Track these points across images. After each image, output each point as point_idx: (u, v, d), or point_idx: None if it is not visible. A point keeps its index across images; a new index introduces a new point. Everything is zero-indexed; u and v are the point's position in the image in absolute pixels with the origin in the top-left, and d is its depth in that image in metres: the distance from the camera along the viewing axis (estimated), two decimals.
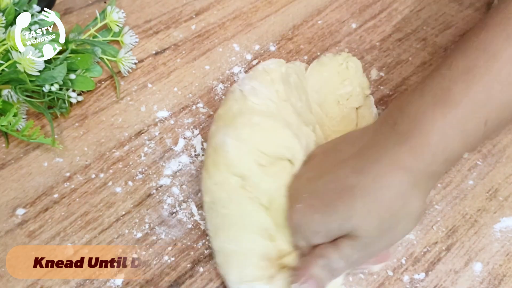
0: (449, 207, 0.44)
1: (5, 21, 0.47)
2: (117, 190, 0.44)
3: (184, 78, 0.51)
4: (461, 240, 0.43)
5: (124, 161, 0.46)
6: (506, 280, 0.41)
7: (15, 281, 0.40)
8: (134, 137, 0.47)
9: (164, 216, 0.43)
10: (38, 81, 0.45)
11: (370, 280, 0.40)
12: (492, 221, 0.44)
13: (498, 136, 0.48)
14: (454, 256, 0.42)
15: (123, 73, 0.51)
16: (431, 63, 0.54)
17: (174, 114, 0.49)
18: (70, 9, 0.56)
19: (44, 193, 0.44)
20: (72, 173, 0.45)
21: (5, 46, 0.45)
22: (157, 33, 0.55)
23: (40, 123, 0.48)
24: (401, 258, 0.42)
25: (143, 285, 0.40)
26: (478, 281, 0.41)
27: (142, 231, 0.42)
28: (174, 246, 0.42)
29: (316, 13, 0.57)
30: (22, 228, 0.42)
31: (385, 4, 0.58)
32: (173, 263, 0.41)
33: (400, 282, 0.41)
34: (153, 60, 0.53)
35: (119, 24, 0.52)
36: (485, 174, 0.46)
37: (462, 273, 0.41)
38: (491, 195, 0.45)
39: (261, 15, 0.56)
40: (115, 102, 0.50)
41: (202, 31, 0.55)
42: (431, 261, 0.42)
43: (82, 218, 0.43)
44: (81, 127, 0.48)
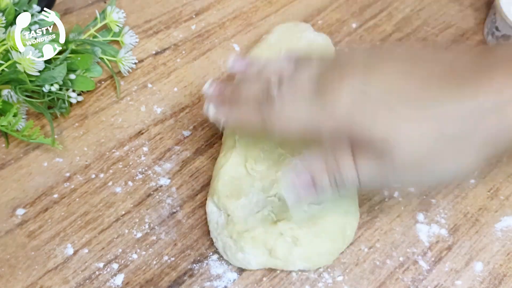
0: (450, 206, 0.44)
1: (5, 21, 0.47)
2: (117, 190, 0.44)
3: (184, 78, 0.51)
4: (462, 239, 0.42)
5: (124, 161, 0.46)
6: (506, 280, 0.41)
7: (15, 281, 0.39)
8: (134, 137, 0.47)
9: (164, 216, 0.43)
10: (38, 81, 0.45)
11: (371, 279, 0.40)
12: (493, 220, 0.43)
13: None
14: (455, 255, 0.42)
15: (123, 73, 0.51)
16: None
17: (174, 114, 0.49)
18: (70, 9, 0.56)
19: (44, 193, 0.44)
20: (72, 173, 0.45)
21: (5, 46, 0.45)
22: (157, 33, 0.55)
23: (40, 123, 0.48)
24: (401, 257, 0.42)
25: (143, 285, 0.40)
26: (479, 280, 0.41)
27: (142, 231, 0.42)
28: (174, 246, 0.42)
29: (316, 13, 0.57)
30: (22, 228, 0.42)
31: (386, 4, 0.58)
32: (173, 263, 0.41)
33: (401, 282, 0.40)
34: (153, 60, 0.53)
35: (119, 24, 0.52)
36: (486, 173, 0.46)
37: (463, 273, 0.41)
38: (492, 194, 0.45)
39: (261, 15, 0.56)
40: (115, 102, 0.50)
41: (202, 31, 0.55)
42: (432, 260, 0.41)
43: (82, 218, 0.43)
44: (81, 127, 0.48)
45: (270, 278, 0.40)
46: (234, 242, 0.39)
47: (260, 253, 0.39)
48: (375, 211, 0.44)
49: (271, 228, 0.39)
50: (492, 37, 0.54)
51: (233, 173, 0.41)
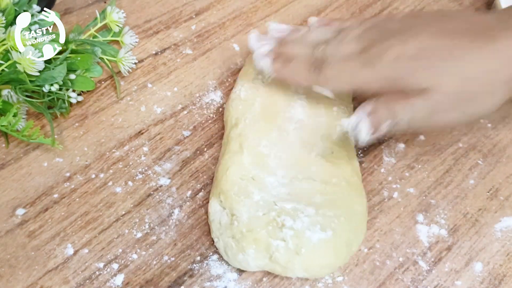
0: (450, 207, 0.44)
1: (5, 21, 0.47)
2: (117, 190, 0.44)
3: (184, 78, 0.51)
4: (462, 240, 0.42)
5: (124, 161, 0.46)
6: (506, 280, 0.41)
7: (15, 281, 0.39)
8: (134, 137, 0.47)
9: (164, 216, 0.43)
10: (38, 81, 0.45)
11: (370, 280, 0.40)
12: (493, 221, 0.44)
13: (498, 135, 0.48)
14: (455, 255, 0.42)
15: (123, 73, 0.51)
16: None
17: (174, 114, 0.49)
18: (70, 9, 0.56)
19: (44, 193, 0.44)
20: (72, 173, 0.45)
21: (5, 46, 0.45)
22: (157, 33, 0.55)
23: (40, 123, 0.48)
24: (401, 257, 0.42)
25: (143, 285, 0.40)
26: (479, 281, 0.41)
27: (142, 231, 0.42)
28: (174, 246, 0.42)
29: (316, 13, 0.57)
30: (22, 228, 0.42)
31: (385, 4, 0.58)
32: (173, 263, 0.41)
33: (401, 282, 0.40)
34: (153, 60, 0.53)
35: (119, 24, 0.52)
36: (485, 174, 0.46)
37: (463, 273, 0.41)
38: (492, 194, 0.45)
39: (261, 15, 0.56)
40: (115, 102, 0.50)
41: (202, 31, 0.55)
42: (432, 260, 0.41)
43: (82, 218, 0.43)
44: (81, 127, 0.48)
45: (270, 278, 0.40)
46: (236, 242, 0.38)
47: (261, 256, 0.38)
48: (375, 212, 0.44)
49: (275, 233, 0.38)
50: None
51: (240, 175, 0.41)
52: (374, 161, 0.46)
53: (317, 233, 0.38)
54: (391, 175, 0.46)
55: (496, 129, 0.49)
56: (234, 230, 0.39)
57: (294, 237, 0.37)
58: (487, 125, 0.49)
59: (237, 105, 0.45)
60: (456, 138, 0.48)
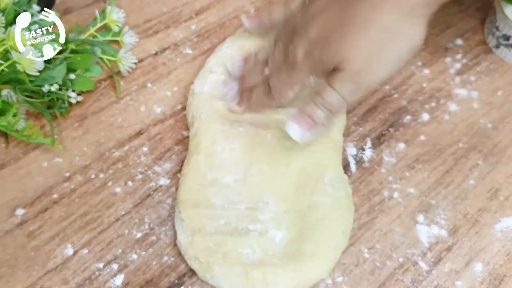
0: (450, 207, 0.44)
1: (5, 21, 0.47)
2: (117, 190, 0.44)
3: (184, 78, 0.51)
4: (462, 240, 0.42)
5: (124, 161, 0.46)
6: (506, 280, 0.41)
7: (14, 281, 0.39)
8: (134, 137, 0.47)
9: (164, 216, 0.43)
10: (37, 81, 0.45)
11: (371, 280, 0.40)
12: (493, 221, 0.43)
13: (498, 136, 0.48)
14: (455, 256, 0.42)
15: (123, 73, 0.51)
16: (432, 62, 0.54)
17: (174, 114, 0.49)
18: (70, 9, 0.56)
19: (43, 193, 0.44)
20: (72, 173, 0.45)
21: (5, 46, 0.45)
22: (157, 33, 0.54)
23: (40, 123, 0.48)
24: (401, 258, 0.42)
25: (143, 285, 0.40)
26: (479, 281, 0.41)
27: (142, 231, 0.42)
28: (174, 246, 0.42)
29: None
30: (22, 228, 0.42)
31: None
32: (173, 263, 0.41)
33: (401, 282, 0.40)
34: (153, 60, 0.53)
35: (119, 24, 0.52)
36: (486, 174, 0.46)
37: (463, 273, 0.41)
38: (492, 195, 0.45)
39: None
40: (115, 102, 0.50)
41: (202, 31, 0.55)
42: (432, 261, 0.41)
43: (82, 218, 0.43)
44: (81, 127, 0.48)
45: None
46: (202, 261, 0.37)
47: (234, 273, 0.36)
48: (375, 212, 0.44)
49: (243, 240, 0.37)
50: (492, 37, 0.54)
51: (198, 182, 0.40)
52: (374, 161, 0.46)
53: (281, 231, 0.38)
54: (392, 175, 0.46)
55: (497, 129, 0.49)
56: (196, 246, 0.38)
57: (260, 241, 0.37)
58: (487, 125, 0.49)
59: (191, 102, 0.46)
60: (457, 138, 0.48)
